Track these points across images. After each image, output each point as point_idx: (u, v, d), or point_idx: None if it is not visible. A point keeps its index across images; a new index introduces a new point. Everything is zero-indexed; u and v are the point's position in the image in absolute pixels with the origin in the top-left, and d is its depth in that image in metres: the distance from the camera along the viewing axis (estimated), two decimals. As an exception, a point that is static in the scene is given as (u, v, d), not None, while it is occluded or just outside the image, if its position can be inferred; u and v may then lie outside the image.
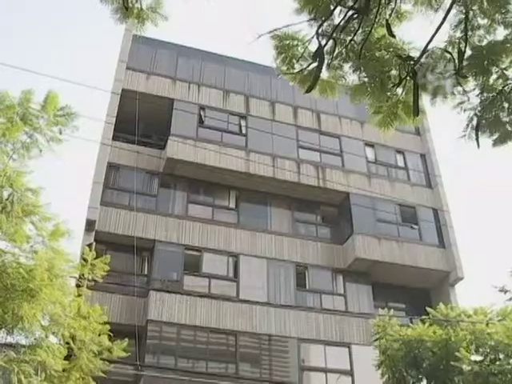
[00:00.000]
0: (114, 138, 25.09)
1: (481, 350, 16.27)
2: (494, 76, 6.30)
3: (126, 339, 12.34)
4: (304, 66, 6.57)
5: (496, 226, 69.88)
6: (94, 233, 22.18)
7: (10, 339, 10.17)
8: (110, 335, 11.95)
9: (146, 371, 19.66)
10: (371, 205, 26.92)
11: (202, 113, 27.18)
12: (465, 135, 6.60)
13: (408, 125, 6.78)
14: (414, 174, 29.82)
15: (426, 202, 28.42)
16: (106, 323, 11.73)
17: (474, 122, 6.48)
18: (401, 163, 30.02)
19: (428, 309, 18.32)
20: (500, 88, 6.28)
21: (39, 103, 10.63)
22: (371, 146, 29.38)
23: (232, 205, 26.44)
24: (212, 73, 28.87)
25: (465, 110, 6.52)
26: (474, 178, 73.74)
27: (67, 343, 10.99)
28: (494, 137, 6.50)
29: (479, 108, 6.43)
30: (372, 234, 26.12)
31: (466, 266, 28.67)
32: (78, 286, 12.12)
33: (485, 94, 6.35)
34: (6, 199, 9.61)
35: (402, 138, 28.85)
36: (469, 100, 6.49)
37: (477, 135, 6.45)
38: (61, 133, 10.60)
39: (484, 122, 6.42)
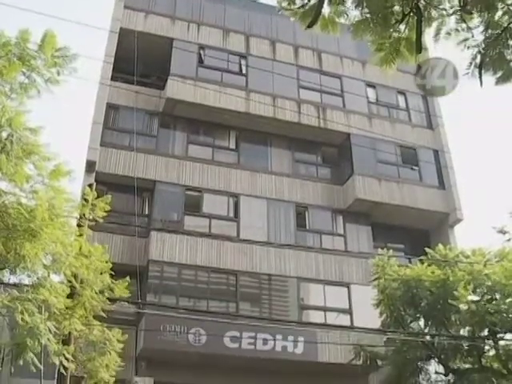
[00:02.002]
0: (113, 79, 24.81)
1: (478, 290, 16.47)
2: (500, 12, 6.16)
3: (128, 278, 12.46)
4: (305, 2, 6.43)
5: (497, 167, 69.87)
6: (94, 174, 22.18)
7: (13, 279, 10.29)
8: (111, 274, 12.06)
9: (148, 310, 19.92)
10: (372, 145, 26.83)
11: (201, 52, 26.82)
12: (468, 73, 6.51)
13: (410, 62, 6.67)
14: (415, 115, 29.63)
15: (426, 143, 28.32)
16: (107, 262, 11.82)
17: (478, 60, 6.37)
18: (402, 104, 29.80)
19: (427, 249, 18.48)
20: (505, 25, 6.16)
21: (36, 43, 10.44)
22: (372, 86, 29.10)
23: (232, 145, 26.37)
24: (212, 11, 28.35)
25: (468, 48, 6.41)
26: (476, 118, 73.33)
27: (69, 282, 11.11)
28: (498, 75, 6.40)
29: (483, 45, 6.31)
30: (372, 174, 26.12)
31: (466, 208, 28.81)
32: (79, 225, 12.17)
33: (489, 31, 6.22)
34: (6, 139, 9.54)
35: (403, 79, 28.42)
36: (473, 37, 6.36)
37: (480, 73, 6.35)
38: (59, 74, 10.46)
39: (488, 59, 6.32)
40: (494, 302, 15.83)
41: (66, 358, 10.44)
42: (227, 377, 21.03)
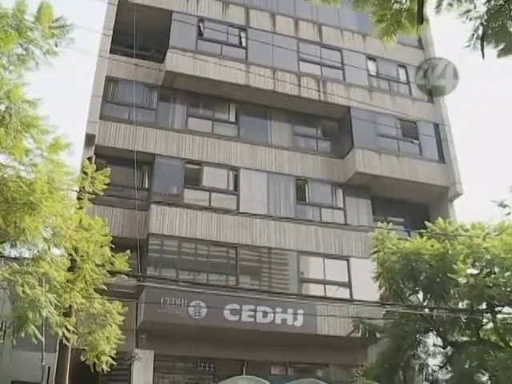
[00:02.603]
0: (112, 52, 24.63)
1: (477, 263, 16.51)
2: (503, -17, 6.09)
3: (128, 251, 12.48)
4: (306, -28, 6.36)
5: (498, 141, 69.73)
6: (93, 147, 22.12)
7: (13, 252, 10.30)
8: (111, 248, 12.07)
9: (148, 283, 20.01)
10: (372, 119, 26.73)
11: (201, 25, 26.58)
12: (469, 45, 6.45)
13: (412, 34, 6.59)
14: (416, 89, 29.42)
15: (427, 116, 28.21)
16: (107, 235, 11.83)
17: (480, 32, 6.30)
18: (403, 77, 29.63)
19: (426, 223, 18.49)
20: (508, -4, 6.09)
21: (33, 15, 10.32)
22: (373, 59, 28.91)
23: (232, 118, 26.27)
24: (211, -17, 28.03)
25: (470, 19, 6.33)
26: (475, 91, 73.01)
27: (70, 255, 11.12)
28: (500, 47, 6.34)
29: (485, 17, 6.24)
30: (372, 148, 26.07)
31: (466, 182, 28.78)
32: (78, 198, 12.16)
33: (492, 2, 6.15)
34: (4, 112, 9.48)
35: (404, 52, 28.39)
36: (475, 8, 6.29)
37: (482, 45, 6.29)
38: (56, 45, 10.36)
39: (490, 31, 6.25)
40: (492, 276, 15.88)
41: (68, 330, 10.49)
42: (227, 349, 21.21)
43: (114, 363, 12.34)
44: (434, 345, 18.45)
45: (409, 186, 26.02)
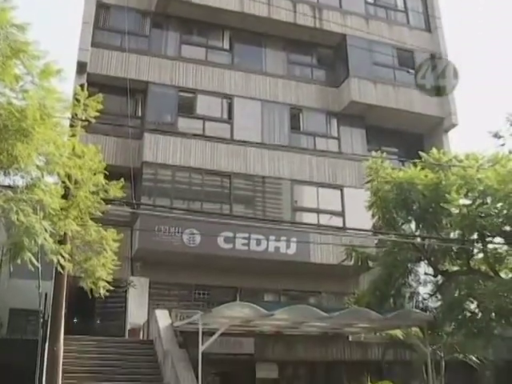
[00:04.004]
0: (102, -25, 23.97)
1: (470, 194, 16.51)
2: None
3: (122, 179, 12.45)
4: None
5: (494, 73, 69.10)
6: (85, 75, 21.80)
7: (7, 180, 10.24)
8: (105, 175, 12.02)
9: (142, 211, 20.08)
10: (368, 47, 26.37)
11: None
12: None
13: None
14: (414, 17, 28.98)
15: (424, 45, 27.78)
16: (101, 162, 11.76)
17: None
18: (400, 5, 29.12)
19: (420, 153, 18.45)
20: None
21: None
22: (370, -15, 28.28)
23: (226, 46, 25.84)
24: None
25: None
26: (474, 20, 71.89)
27: (63, 182, 11.07)
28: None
29: None
30: (368, 77, 25.82)
31: (461, 113, 28.62)
32: (71, 126, 12.02)
33: None
34: (-8, 36, 9.23)
35: (401, -22, 27.81)
36: None
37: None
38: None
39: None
40: (485, 206, 15.93)
41: (63, 257, 10.54)
42: (221, 276, 21.52)
43: (111, 288, 12.47)
44: (425, 273, 18.71)
45: (404, 116, 25.91)
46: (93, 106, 12.42)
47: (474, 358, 18.85)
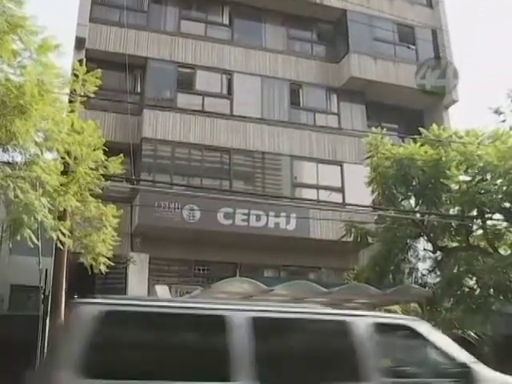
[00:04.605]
0: None
1: (470, 170, 16.53)
2: None
3: (121, 154, 12.42)
4: None
5: (495, 49, 68.70)
6: (84, 51, 21.63)
7: (5, 157, 10.20)
8: (105, 152, 11.99)
9: (142, 187, 20.06)
10: (368, 23, 26.15)
11: None
12: None
13: None
14: (415, -9, 28.71)
15: (425, 21, 27.54)
16: (100, 138, 11.72)
17: None
18: (401, -21, 28.79)
19: (420, 129, 18.40)
20: None
21: None
22: (372, -42, 27.95)
23: (225, 21, 25.63)
24: None
25: None
26: (475, -4, 71.28)
27: (63, 158, 11.04)
28: None
29: None
30: (368, 52, 25.63)
31: (462, 90, 28.47)
32: (70, 101, 11.97)
33: None
34: (-11, 11, 9.16)
35: (404, -50, 27.48)
36: None
37: None
38: None
39: None
40: (484, 183, 15.95)
41: (63, 234, 10.55)
42: (221, 252, 21.54)
43: (111, 264, 12.50)
44: (424, 249, 18.77)
45: (404, 92, 25.75)
46: (91, 81, 12.36)
47: (472, 334, 18.95)
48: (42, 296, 17.45)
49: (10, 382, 12.34)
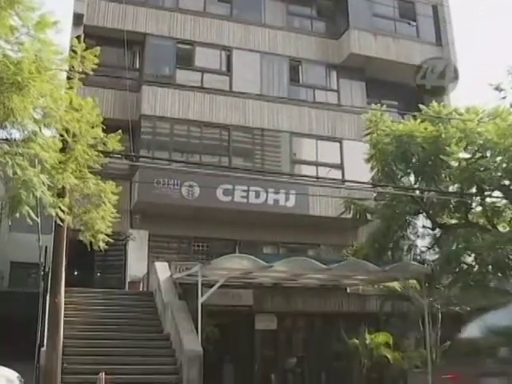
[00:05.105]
0: None
1: (470, 147, 16.49)
2: None
3: (120, 131, 12.36)
4: None
5: (498, 24, 68.21)
6: (82, 27, 21.46)
7: (4, 134, 10.15)
8: (103, 129, 11.93)
9: (141, 163, 20.02)
10: (369, -2, 25.96)
11: None
12: None
13: None
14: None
15: (426, -4, 27.35)
16: (98, 116, 11.65)
17: None
18: (403, -48, 28.51)
19: (420, 105, 18.34)
20: None
21: None
22: None
23: (225, -4, 25.42)
24: None
25: None
26: (477, -29, 70.55)
27: (61, 136, 10.99)
28: None
29: None
30: (368, 29, 25.48)
31: (462, 66, 28.34)
32: (68, 78, 11.87)
33: None
34: (-15, -14, 9.04)
35: None
36: None
37: None
38: None
39: None
40: (484, 160, 15.93)
41: (62, 210, 10.52)
42: (220, 229, 21.62)
43: (111, 240, 12.52)
44: (423, 226, 18.78)
45: (404, 69, 25.56)
46: (90, 58, 12.24)
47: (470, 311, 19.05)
48: (42, 273, 17.48)
49: (10, 357, 12.45)
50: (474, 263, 16.46)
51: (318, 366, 19.34)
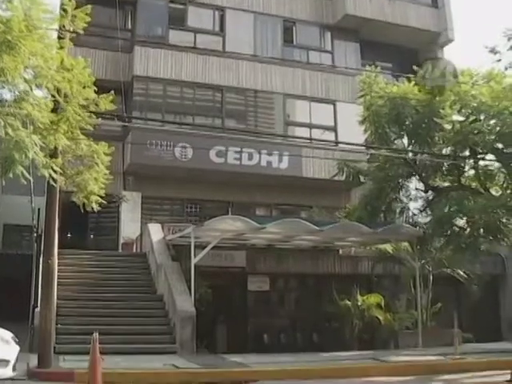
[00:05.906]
0: None
1: (463, 110, 16.46)
2: None
3: (112, 92, 12.23)
4: None
5: (491, -16, 67.41)
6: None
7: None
8: (96, 90, 11.80)
9: (134, 124, 19.87)
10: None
11: None
12: None
13: None
14: None
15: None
16: (90, 76, 11.51)
17: None
18: None
19: (415, 67, 18.22)
20: None
21: None
22: None
23: (218, -45, 24.97)
24: None
25: None
26: None
27: (52, 96, 10.88)
28: None
29: None
30: (363, -11, 25.13)
31: (458, 29, 28.11)
32: (59, 38, 11.71)
33: None
34: None
35: None
36: None
37: None
38: None
39: None
40: (478, 123, 15.90)
41: (55, 171, 10.47)
42: (213, 191, 21.62)
43: (104, 202, 12.50)
44: (416, 189, 18.84)
45: (399, 31, 25.41)
46: (81, 17, 12.04)
47: (461, 273, 19.23)
48: (35, 235, 17.46)
49: (5, 318, 12.51)
50: (465, 226, 16.55)
51: (310, 327, 19.53)
